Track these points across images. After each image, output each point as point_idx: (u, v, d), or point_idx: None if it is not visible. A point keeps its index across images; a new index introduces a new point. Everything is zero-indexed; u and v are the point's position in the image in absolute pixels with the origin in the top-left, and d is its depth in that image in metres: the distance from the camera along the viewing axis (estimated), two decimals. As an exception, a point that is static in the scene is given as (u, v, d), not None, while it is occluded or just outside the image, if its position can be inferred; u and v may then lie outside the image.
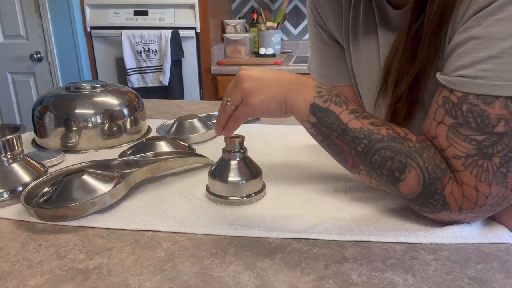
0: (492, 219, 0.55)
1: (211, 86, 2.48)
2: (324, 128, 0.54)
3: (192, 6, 2.34)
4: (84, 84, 0.91)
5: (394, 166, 0.51)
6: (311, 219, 0.58)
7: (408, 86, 0.56)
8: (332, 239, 0.53)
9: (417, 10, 0.53)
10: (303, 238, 0.53)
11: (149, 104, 1.32)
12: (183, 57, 2.40)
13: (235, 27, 2.69)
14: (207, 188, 0.67)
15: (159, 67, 2.36)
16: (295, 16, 2.81)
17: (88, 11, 2.43)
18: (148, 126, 1.03)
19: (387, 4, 0.60)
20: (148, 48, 2.34)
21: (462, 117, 0.47)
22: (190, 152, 0.83)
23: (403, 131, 0.53)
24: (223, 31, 2.71)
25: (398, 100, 0.58)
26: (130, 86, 2.30)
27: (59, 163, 0.81)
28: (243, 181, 0.64)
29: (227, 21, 2.68)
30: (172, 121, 0.99)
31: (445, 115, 0.49)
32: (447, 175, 0.50)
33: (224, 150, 0.66)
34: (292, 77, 0.57)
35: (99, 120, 0.88)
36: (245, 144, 0.67)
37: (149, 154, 0.74)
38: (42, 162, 0.76)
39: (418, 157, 0.50)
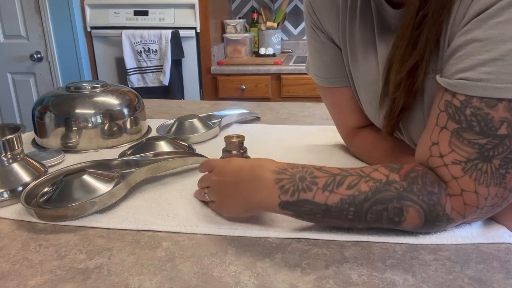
0: (492, 219, 0.55)
1: (211, 86, 2.48)
2: (305, 215, 0.52)
3: (192, 6, 2.34)
4: (84, 84, 0.91)
5: (390, 214, 0.50)
6: (311, 219, 0.57)
7: (407, 73, 0.55)
8: (332, 239, 0.53)
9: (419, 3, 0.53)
10: (303, 238, 0.53)
11: (149, 104, 1.32)
12: (183, 57, 2.40)
13: (235, 27, 2.69)
14: (207, 188, 0.67)
15: (159, 67, 2.36)
16: (295, 16, 2.82)
17: (88, 11, 2.43)
18: (148, 126, 1.03)
19: (385, 3, 0.60)
20: (148, 48, 2.34)
21: (466, 121, 0.47)
22: (190, 152, 0.83)
23: (383, 175, 0.50)
24: (223, 31, 2.71)
25: (397, 88, 0.57)
26: (130, 86, 2.30)
27: (59, 163, 0.81)
28: (243, 181, 0.63)
29: (227, 21, 2.68)
30: (172, 121, 0.99)
31: (448, 120, 0.48)
32: (443, 196, 0.49)
33: (224, 150, 0.66)
34: (247, 174, 0.54)
35: (99, 120, 0.88)
36: (245, 144, 0.67)
37: (149, 154, 0.74)
38: (42, 162, 0.76)
39: (410, 194, 0.49)
